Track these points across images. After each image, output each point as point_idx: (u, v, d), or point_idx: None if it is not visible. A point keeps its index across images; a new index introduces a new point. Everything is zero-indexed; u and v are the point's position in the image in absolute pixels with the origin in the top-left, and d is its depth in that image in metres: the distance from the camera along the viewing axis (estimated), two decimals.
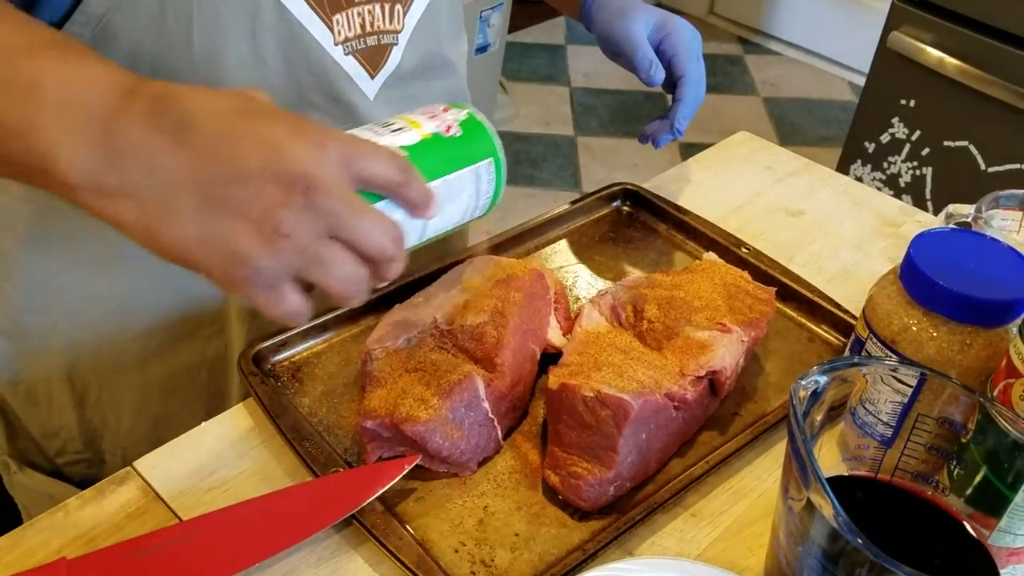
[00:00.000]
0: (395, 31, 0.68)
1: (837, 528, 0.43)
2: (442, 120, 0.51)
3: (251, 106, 0.44)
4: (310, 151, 0.42)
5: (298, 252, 0.42)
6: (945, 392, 0.52)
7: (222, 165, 0.42)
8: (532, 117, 2.62)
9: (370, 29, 0.66)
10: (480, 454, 0.60)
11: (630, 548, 0.56)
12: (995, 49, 1.65)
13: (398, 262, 0.46)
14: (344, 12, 0.64)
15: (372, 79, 0.68)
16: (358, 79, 0.67)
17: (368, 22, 0.66)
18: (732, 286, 0.67)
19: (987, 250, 0.57)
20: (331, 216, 0.42)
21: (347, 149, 0.43)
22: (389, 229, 0.44)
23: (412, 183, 0.46)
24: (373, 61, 0.68)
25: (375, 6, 0.66)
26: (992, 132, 1.70)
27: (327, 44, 0.64)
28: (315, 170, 0.41)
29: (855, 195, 0.91)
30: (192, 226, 0.42)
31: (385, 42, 0.68)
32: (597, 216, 0.84)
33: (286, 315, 0.44)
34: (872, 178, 1.92)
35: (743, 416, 0.65)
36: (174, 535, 0.53)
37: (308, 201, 0.41)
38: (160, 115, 0.42)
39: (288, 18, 0.61)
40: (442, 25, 0.73)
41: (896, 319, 0.56)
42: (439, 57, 0.74)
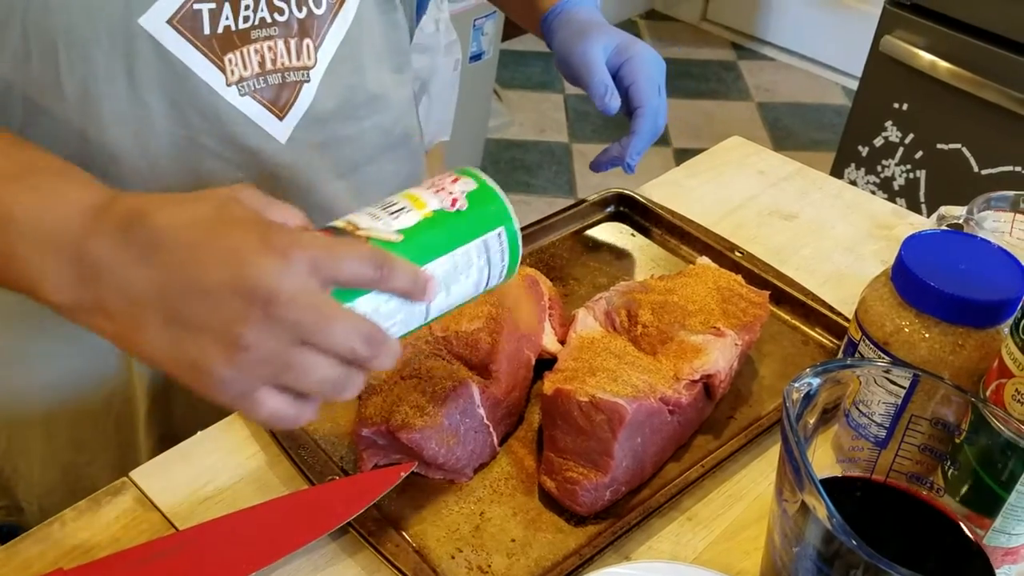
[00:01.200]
0: (305, 67, 0.64)
1: (831, 530, 0.43)
2: (447, 194, 0.50)
3: (225, 214, 0.44)
4: (273, 263, 0.41)
5: (263, 363, 0.42)
6: (938, 393, 0.52)
7: (185, 281, 0.42)
8: (527, 124, 2.62)
9: (272, 67, 0.62)
10: (476, 460, 0.60)
11: (626, 552, 0.56)
12: (987, 52, 1.65)
13: (384, 356, 0.44)
14: (238, 50, 0.61)
15: (280, 121, 0.65)
16: (261, 122, 0.64)
17: (269, 59, 0.62)
18: (726, 290, 0.67)
19: (978, 251, 0.58)
20: (295, 327, 0.42)
21: (316, 255, 0.42)
22: (361, 330, 0.43)
23: (392, 275, 0.44)
24: (279, 102, 0.64)
25: (276, 42, 0.62)
26: (985, 134, 1.71)
27: (218, 86, 0.61)
28: (275, 282, 0.41)
29: (848, 198, 0.91)
30: (160, 340, 0.43)
31: (293, 79, 0.64)
32: (591, 221, 0.84)
33: (270, 420, 0.44)
34: (866, 181, 1.92)
35: (738, 419, 0.65)
36: (170, 545, 0.53)
37: (267, 314, 0.41)
38: (128, 233, 0.43)
39: (169, 59, 0.58)
40: (369, 57, 0.69)
41: (888, 321, 0.56)
42: (364, 93, 0.70)
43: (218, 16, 0.59)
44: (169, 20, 0.57)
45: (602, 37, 0.74)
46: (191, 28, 0.58)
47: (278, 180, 0.66)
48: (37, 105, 0.57)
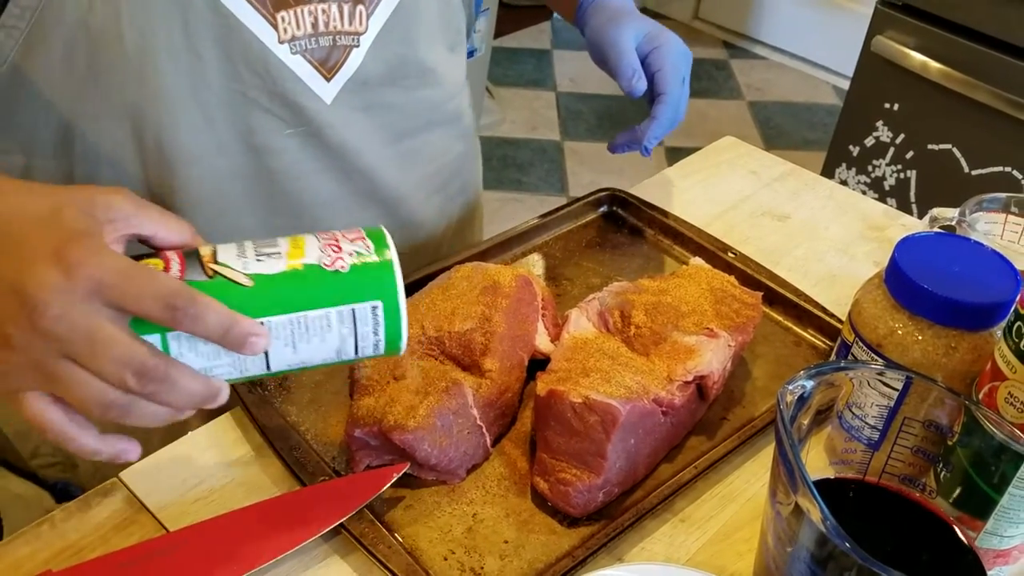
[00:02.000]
0: (356, 32, 0.66)
1: (825, 532, 0.43)
2: (335, 251, 0.47)
3: (53, 215, 0.43)
4: (54, 276, 0.41)
5: (27, 368, 0.42)
6: (931, 395, 0.52)
7: None
8: (519, 122, 2.62)
9: (324, 29, 0.64)
10: (469, 461, 0.60)
11: (620, 554, 0.56)
12: (978, 53, 1.66)
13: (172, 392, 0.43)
14: (292, 10, 0.62)
15: (328, 82, 0.66)
16: (310, 81, 0.65)
17: (322, 21, 0.63)
18: (719, 291, 0.67)
19: (971, 254, 0.58)
20: (60, 343, 0.41)
21: (104, 279, 0.42)
22: (132, 363, 0.42)
23: (193, 319, 0.42)
24: (328, 63, 0.65)
25: (330, 5, 0.63)
26: (975, 135, 1.72)
27: (270, 42, 0.62)
28: (47, 295, 0.41)
29: (840, 199, 0.91)
30: None
31: (343, 43, 0.65)
32: (584, 221, 0.84)
33: (38, 425, 0.44)
34: (857, 181, 1.93)
35: (731, 420, 0.65)
36: (161, 546, 0.53)
37: (33, 323, 0.41)
38: None
39: (223, 12, 0.59)
40: (421, 29, 0.70)
41: (882, 323, 0.56)
42: (414, 64, 0.71)
43: None
44: None
45: (633, 24, 0.77)
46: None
47: (324, 140, 0.68)
48: (99, 51, 0.59)
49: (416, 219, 0.79)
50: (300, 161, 0.68)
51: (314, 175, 0.70)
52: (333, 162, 0.70)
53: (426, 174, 0.78)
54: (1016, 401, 0.50)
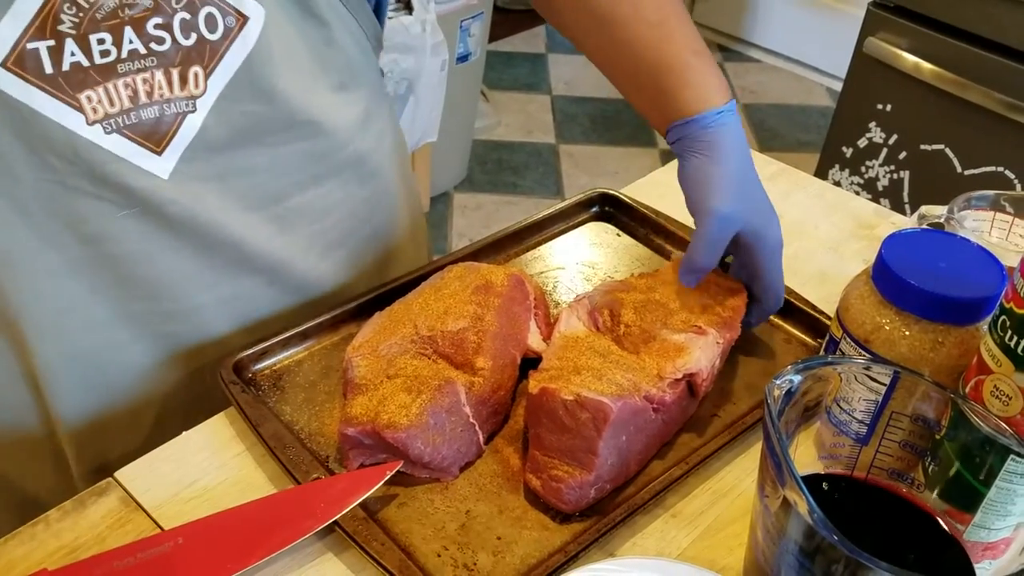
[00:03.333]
0: (189, 97, 0.60)
1: (812, 525, 0.43)
2: None
3: None
4: None
5: None
6: (918, 390, 0.52)
7: None
8: (514, 125, 2.63)
9: (145, 100, 0.58)
10: (462, 459, 0.60)
11: (611, 549, 0.56)
12: (969, 54, 1.67)
13: None
14: (100, 87, 0.56)
15: (159, 156, 0.60)
16: (136, 159, 0.59)
17: (143, 92, 0.58)
18: (703, 282, 0.68)
19: (957, 250, 0.58)
20: None
21: None
22: None
23: None
24: (156, 135, 0.59)
25: (155, 73, 0.58)
26: (968, 135, 1.73)
27: (75, 125, 0.57)
28: None
29: (830, 198, 0.92)
30: None
31: (174, 111, 0.59)
32: (576, 221, 0.84)
33: None
34: (850, 182, 1.94)
35: (721, 417, 0.65)
36: (156, 544, 0.53)
37: None
38: None
39: (13, 104, 0.55)
40: (282, 79, 0.63)
41: (869, 319, 0.57)
42: (278, 120, 0.64)
43: (60, 53, 0.55)
44: (2, 63, 0.53)
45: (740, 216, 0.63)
46: (31, 69, 0.54)
47: (167, 218, 0.63)
48: None
49: (309, 280, 0.73)
50: (144, 242, 0.63)
51: (165, 254, 0.64)
52: (184, 239, 0.64)
53: (315, 232, 0.72)
54: (1002, 394, 0.50)
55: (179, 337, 0.69)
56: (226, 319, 0.70)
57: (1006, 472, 0.50)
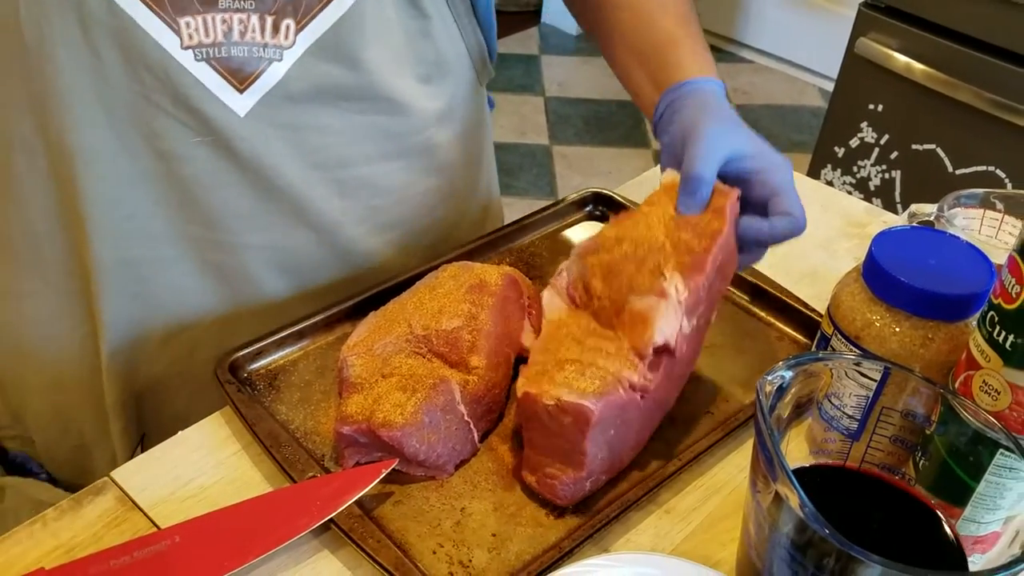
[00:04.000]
0: (279, 46, 0.63)
1: (804, 519, 0.44)
2: None
3: None
4: None
5: None
6: (908, 385, 0.53)
7: None
8: (508, 127, 2.63)
9: (238, 39, 0.61)
10: (457, 457, 0.60)
11: (605, 545, 0.57)
12: (960, 54, 1.68)
13: None
14: (199, 16, 0.60)
15: (240, 94, 0.63)
16: (218, 91, 0.62)
17: (238, 31, 0.61)
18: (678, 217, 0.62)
19: (947, 247, 0.59)
20: None
21: None
22: None
23: None
24: (240, 74, 0.63)
25: (251, 16, 0.61)
26: (959, 135, 1.73)
27: (171, 47, 0.60)
28: None
29: (822, 197, 0.92)
30: None
31: (262, 55, 0.62)
32: (570, 221, 0.85)
33: None
34: (843, 182, 1.94)
35: (714, 414, 0.66)
36: (152, 543, 0.53)
37: None
38: None
39: (118, 12, 0.58)
40: (372, 52, 0.66)
41: (860, 316, 0.57)
42: (360, 88, 0.67)
43: None
44: None
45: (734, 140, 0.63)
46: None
47: (236, 153, 0.65)
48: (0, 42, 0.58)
49: (358, 249, 0.75)
50: (211, 171, 0.66)
51: (227, 187, 0.67)
52: (248, 176, 0.67)
53: (374, 206, 0.74)
54: (991, 389, 0.51)
55: (223, 268, 0.71)
56: (271, 264, 0.72)
57: (995, 466, 0.51)
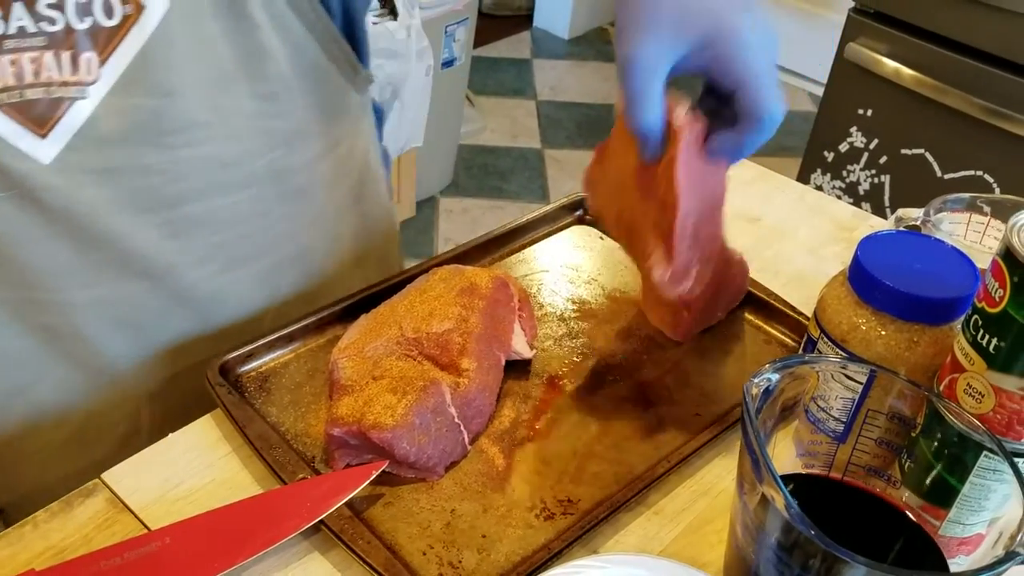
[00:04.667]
0: (80, 83, 0.57)
1: (789, 520, 0.44)
2: None
3: None
4: None
5: None
6: (894, 388, 0.53)
7: None
8: (500, 131, 2.64)
9: (31, 79, 0.56)
10: (447, 459, 0.61)
11: (595, 547, 0.57)
12: (949, 59, 1.69)
13: None
14: None
15: (42, 139, 0.58)
16: (15, 139, 0.57)
17: (30, 72, 0.56)
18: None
19: (932, 251, 0.60)
20: None
21: None
22: None
23: None
24: (41, 119, 0.57)
25: (44, 54, 0.56)
26: (947, 140, 1.75)
27: None
28: None
29: (810, 201, 0.93)
30: None
31: (62, 95, 0.57)
32: (561, 225, 0.85)
33: None
34: (832, 187, 1.96)
35: (703, 416, 0.66)
36: (143, 544, 0.53)
37: None
38: None
39: None
40: (192, 77, 0.60)
41: (846, 319, 0.58)
42: (182, 119, 0.61)
43: None
44: None
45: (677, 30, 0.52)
46: None
47: (44, 205, 0.60)
48: None
49: (204, 292, 0.69)
50: (19, 228, 0.60)
51: (39, 242, 0.61)
52: (60, 228, 0.61)
53: (217, 243, 0.68)
54: (975, 392, 0.51)
55: (57, 331, 0.66)
56: (105, 321, 0.67)
57: (980, 468, 0.51)
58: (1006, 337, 0.48)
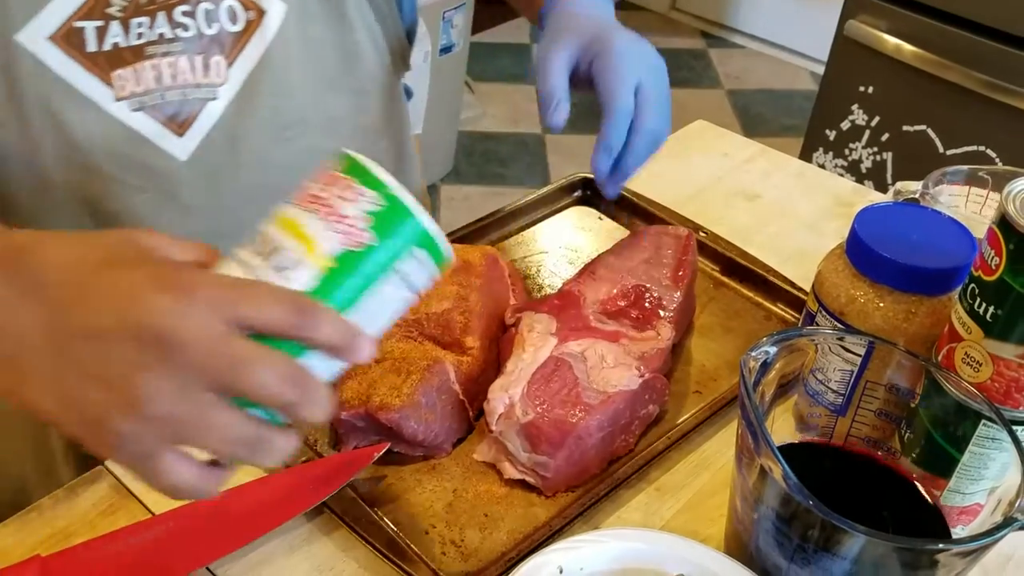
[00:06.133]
0: (212, 85, 0.62)
1: (788, 490, 0.44)
2: (347, 225, 0.40)
3: (115, 254, 0.39)
4: (171, 302, 0.36)
5: (165, 418, 0.36)
6: (892, 359, 0.53)
7: (75, 322, 0.37)
8: (500, 116, 2.63)
9: (171, 83, 0.60)
10: (454, 436, 0.61)
11: (596, 523, 0.57)
12: (950, 34, 1.68)
13: (313, 401, 0.38)
14: (130, 67, 0.59)
15: (179, 138, 0.62)
16: (157, 139, 0.61)
17: (169, 76, 0.60)
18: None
19: (928, 222, 0.59)
20: (201, 372, 0.36)
21: (223, 295, 0.37)
22: (284, 371, 0.37)
23: (317, 324, 0.38)
24: (178, 118, 0.61)
25: (179, 58, 0.60)
26: (949, 115, 1.74)
27: (104, 101, 0.59)
28: (174, 322, 0.36)
29: (810, 178, 0.93)
30: (51, 391, 0.37)
31: (196, 96, 0.62)
32: (559, 206, 0.85)
33: (176, 489, 0.39)
34: (834, 165, 1.95)
35: (703, 393, 0.66)
36: (147, 529, 0.54)
37: (166, 358, 0.36)
38: (12, 268, 0.39)
39: (49, 77, 0.57)
40: (304, 77, 0.65)
41: (844, 292, 0.58)
42: (295, 115, 0.66)
43: (104, 33, 0.58)
44: (50, 37, 0.56)
45: (573, 36, 0.64)
46: (75, 45, 0.57)
47: (179, 200, 0.63)
48: None
49: None
50: (157, 223, 0.63)
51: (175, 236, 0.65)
52: (194, 222, 0.65)
53: None
54: (972, 361, 0.51)
55: None
56: None
57: (978, 437, 0.51)
58: (1003, 305, 0.48)
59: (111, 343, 0.37)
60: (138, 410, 0.36)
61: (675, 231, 0.73)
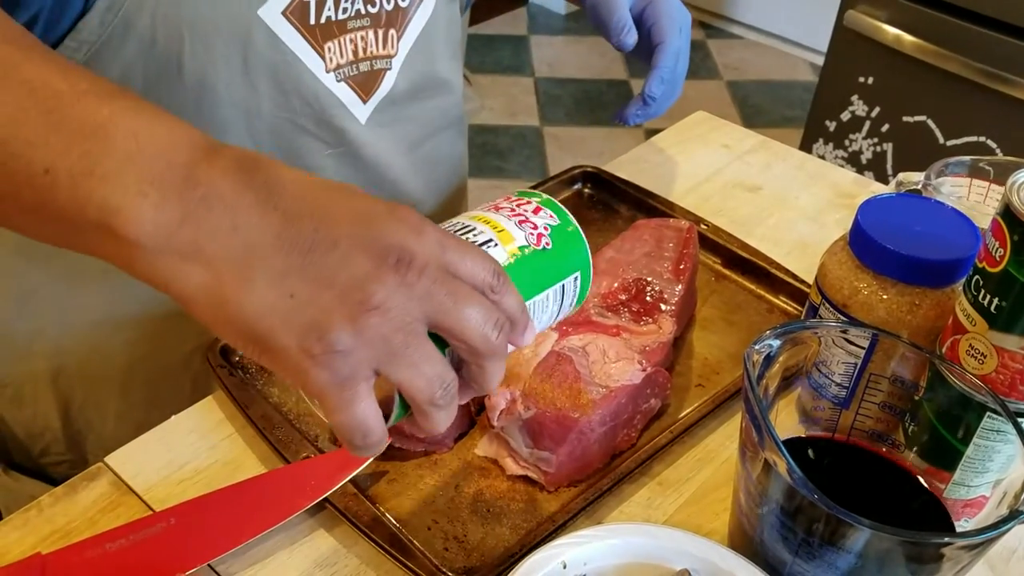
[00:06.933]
0: (388, 56, 0.69)
1: (792, 484, 0.44)
2: (532, 227, 0.44)
3: (344, 186, 0.41)
4: (406, 228, 0.39)
5: (385, 334, 0.37)
6: (896, 352, 0.53)
7: (310, 229, 0.38)
8: (498, 109, 2.63)
9: (363, 55, 0.67)
10: (456, 431, 0.61)
11: (599, 518, 0.57)
12: (950, 24, 1.67)
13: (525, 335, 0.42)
14: (336, 39, 0.65)
15: (364, 104, 0.69)
16: (350, 105, 0.68)
17: (361, 48, 0.67)
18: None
19: (932, 213, 0.59)
20: (423, 296, 0.38)
21: (444, 236, 0.40)
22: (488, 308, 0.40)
23: (506, 292, 0.41)
24: (365, 86, 0.69)
25: (368, 32, 0.67)
26: (949, 106, 1.73)
27: (319, 72, 0.65)
28: (411, 245, 0.38)
29: (811, 169, 0.92)
30: (268, 293, 0.37)
31: (378, 67, 0.69)
32: (559, 199, 0.85)
33: (356, 423, 0.39)
34: (835, 156, 1.95)
35: (706, 386, 0.66)
36: (148, 526, 0.54)
37: (402, 276, 0.38)
38: (248, 173, 0.39)
39: (280, 48, 0.62)
40: (438, 46, 0.73)
41: (847, 284, 0.57)
42: (433, 78, 0.75)
43: (322, 7, 0.63)
44: (284, 11, 0.61)
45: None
46: (300, 18, 0.62)
47: (359, 158, 0.72)
48: (155, 85, 0.60)
49: None
50: (336, 178, 0.67)
51: None
52: (365, 175, 0.73)
53: (434, 177, 0.81)
54: (977, 353, 0.51)
55: None
56: None
57: (983, 429, 0.51)
58: (1007, 296, 0.48)
59: (346, 251, 0.38)
60: (362, 319, 0.37)
61: (676, 224, 0.73)
